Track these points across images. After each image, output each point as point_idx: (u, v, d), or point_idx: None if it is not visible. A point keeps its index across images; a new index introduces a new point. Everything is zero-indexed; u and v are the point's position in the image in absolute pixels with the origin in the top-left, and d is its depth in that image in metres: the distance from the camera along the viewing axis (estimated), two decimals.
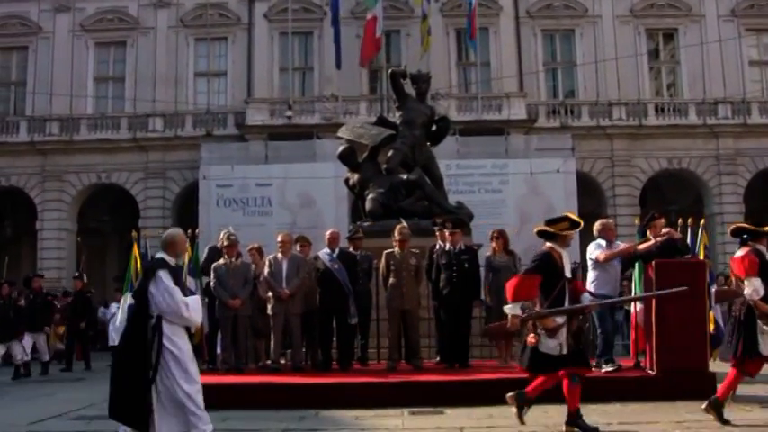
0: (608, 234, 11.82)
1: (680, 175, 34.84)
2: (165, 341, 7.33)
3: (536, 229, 8.82)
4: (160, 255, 7.72)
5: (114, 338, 22.08)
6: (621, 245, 12.14)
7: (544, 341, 8.21)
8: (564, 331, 8.22)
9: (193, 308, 7.57)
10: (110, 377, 7.51)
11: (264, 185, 30.28)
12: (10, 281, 20.25)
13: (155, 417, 7.36)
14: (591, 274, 11.62)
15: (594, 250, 11.60)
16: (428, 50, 32.47)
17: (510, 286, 8.40)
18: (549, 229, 8.57)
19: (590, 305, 8.62)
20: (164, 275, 7.45)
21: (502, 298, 12.56)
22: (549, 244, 8.50)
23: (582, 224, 8.70)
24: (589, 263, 11.68)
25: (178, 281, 7.61)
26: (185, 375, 7.42)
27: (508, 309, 8.30)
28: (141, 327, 7.42)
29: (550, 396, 10.27)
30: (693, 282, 10.72)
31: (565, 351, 8.21)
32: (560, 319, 8.22)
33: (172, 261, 7.68)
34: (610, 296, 11.64)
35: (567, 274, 8.43)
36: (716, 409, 8.71)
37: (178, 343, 7.43)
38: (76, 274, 23.40)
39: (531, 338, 8.27)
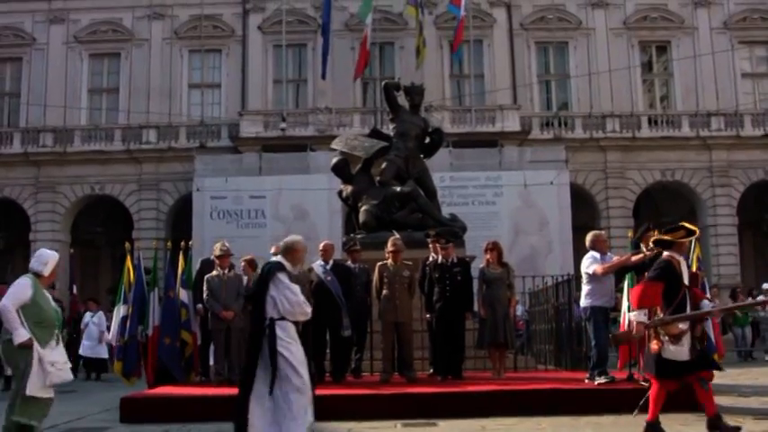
0: (601, 246, 11.80)
1: (673, 187, 34.92)
2: (279, 347, 7.53)
3: (653, 239, 9.05)
4: (278, 259, 7.92)
5: (88, 349, 21.47)
6: (615, 258, 12.14)
7: (668, 347, 8.31)
8: (688, 337, 8.33)
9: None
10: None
11: (258, 197, 30.30)
12: None
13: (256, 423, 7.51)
14: (586, 288, 11.60)
15: (591, 264, 11.58)
16: (422, 64, 32.48)
17: (634, 294, 8.56)
18: (666, 237, 8.71)
19: (712, 311, 8.70)
20: (283, 277, 7.69)
21: (496, 309, 12.64)
22: (667, 252, 8.60)
23: (698, 232, 8.86)
24: (584, 276, 11.65)
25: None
26: (297, 384, 7.61)
27: (633, 316, 8.44)
28: (258, 332, 7.66)
29: (544, 408, 10.30)
30: None
31: (688, 357, 8.31)
32: (684, 326, 8.33)
33: (289, 267, 7.85)
34: (606, 308, 11.64)
35: (686, 281, 8.51)
36: None
37: (291, 347, 7.63)
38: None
39: (654, 345, 8.37)
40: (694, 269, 12.90)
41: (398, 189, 15.81)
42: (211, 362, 13.78)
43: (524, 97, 35.08)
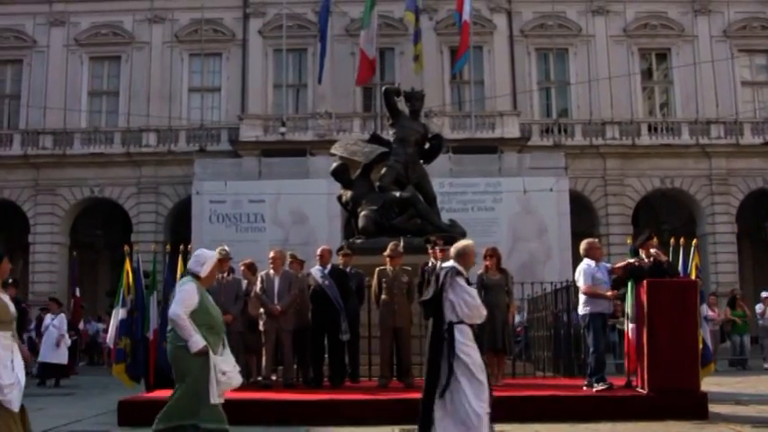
0: (595, 254, 11.81)
1: (672, 194, 34.95)
2: (457, 350, 7.61)
3: None
4: (451, 264, 8.00)
5: (47, 354, 19.86)
6: (612, 265, 12.18)
7: None
8: None
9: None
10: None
11: (257, 201, 30.29)
12: None
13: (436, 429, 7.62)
14: (584, 295, 11.62)
15: (579, 278, 11.66)
16: (421, 71, 32.41)
17: None
18: None
19: None
20: (461, 281, 7.83)
21: (495, 315, 12.62)
22: None
23: None
24: (579, 284, 11.69)
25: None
26: (475, 388, 7.66)
27: None
28: (438, 337, 7.77)
29: (542, 415, 10.30)
30: (684, 301, 10.76)
31: None
32: None
33: (463, 270, 7.96)
34: (604, 315, 11.68)
35: None
36: None
37: (470, 351, 7.70)
38: (10, 280, 21.99)
39: None
40: (693, 277, 12.95)
41: (398, 194, 15.82)
42: None
43: (524, 104, 35.11)
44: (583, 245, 11.99)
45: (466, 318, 7.71)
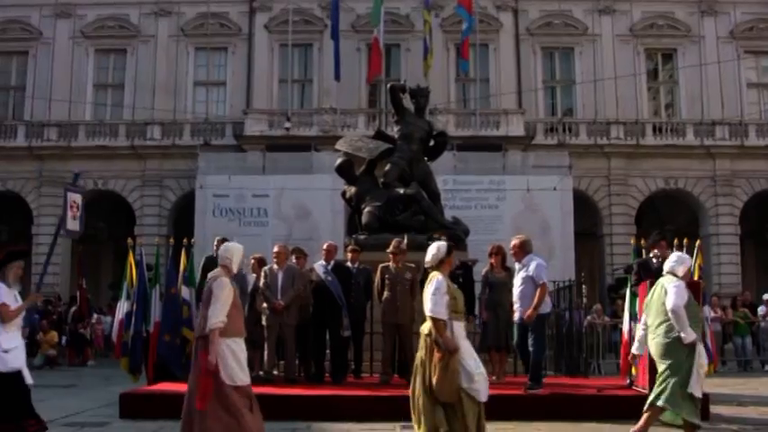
0: (515, 254, 11.79)
1: (676, 195, 34.91)
2: None
3: None
4: None
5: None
6: (539, 260, 12.17)
7: None
8: None
9: None
10: None
11: (261, 196, 30.24)
12: None
13: None
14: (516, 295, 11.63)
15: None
16: (429, 71, 32.34)
17: None
18: None
19: None
20: None
21: (498, 313, 12.63)
22: None
23: None
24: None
25: None
26: None
27: None
28: None
29: (543, 413, 10.30)
30: None
31: None
32: None
33: None
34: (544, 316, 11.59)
35: None
36: None
37: None
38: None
39: None
40: (696, 278, 12.93)
41: (402, 191, 15.80)
42: None
43: (529, 102, 35.06)
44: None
45: None
